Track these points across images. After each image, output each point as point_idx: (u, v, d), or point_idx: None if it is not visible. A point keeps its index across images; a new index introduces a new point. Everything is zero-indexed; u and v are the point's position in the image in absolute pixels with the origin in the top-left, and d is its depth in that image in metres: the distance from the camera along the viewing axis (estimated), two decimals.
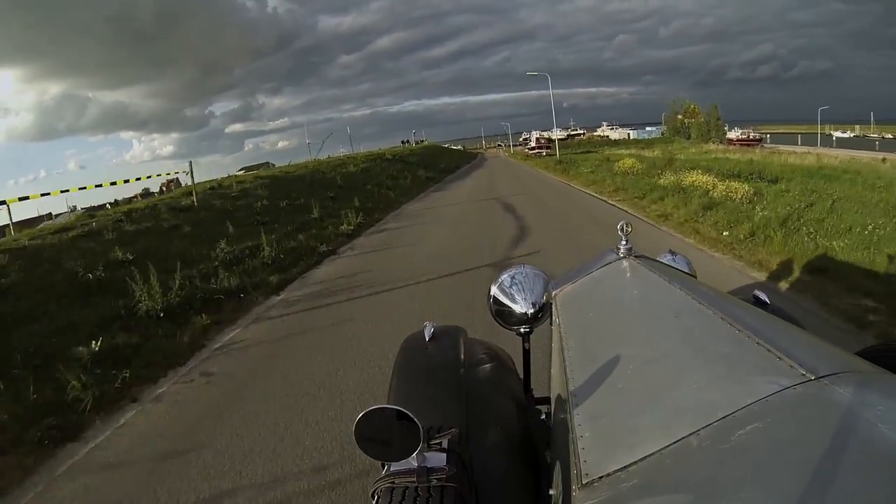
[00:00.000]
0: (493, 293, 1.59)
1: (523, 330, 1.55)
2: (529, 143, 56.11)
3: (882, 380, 0.65)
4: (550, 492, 0.90)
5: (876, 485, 0.46)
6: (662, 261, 1.57)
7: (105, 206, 12.65)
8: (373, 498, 0.87)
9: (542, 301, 1.52)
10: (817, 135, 48.71)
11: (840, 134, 51.66)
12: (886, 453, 0.49)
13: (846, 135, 51.26)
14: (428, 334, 1.42)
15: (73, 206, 16.28)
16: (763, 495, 0.49)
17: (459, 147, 77.65)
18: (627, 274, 1.33)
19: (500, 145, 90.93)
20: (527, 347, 1.59)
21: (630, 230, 1.41)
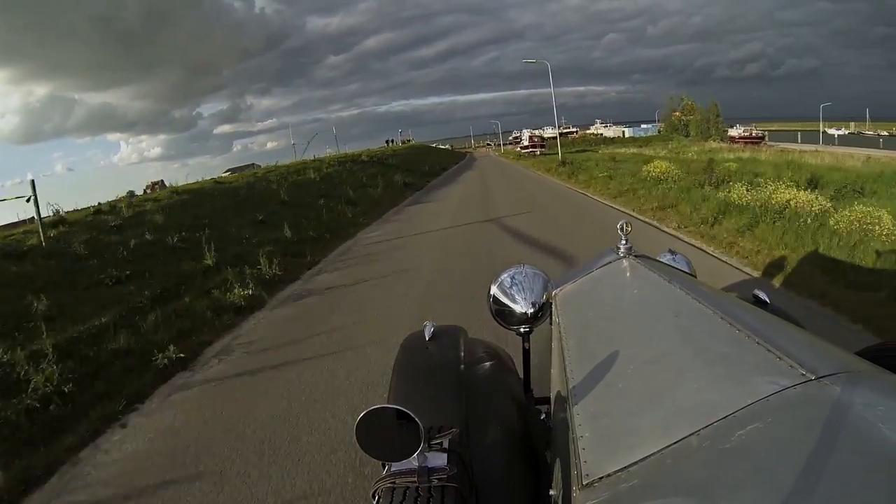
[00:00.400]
0: (493, 293, 1.56)
1: (523, 330, 1.52)
2: (521, 141, 52.47)
3: (882, 380, 0.65)
4: (550, 492, 0.89)
5: (876, 484, 0.46)
6: (662, 260, 1.59)
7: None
8: (374, 498, 0.87)
9: (542, 301, 1.49)
10: (819, 132, 47.81)
11: (835, 131, 50.52)
12: (886, 453, 0.49)
13: (841, 132, 50.06)
14: (428, 334, 1.41)
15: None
16: (763, 495, 0.48)
17: (447, 147, 75.69)
18: (627, 273, 1.34)
19: (489, 144, 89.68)
20: (527, 347, 1.56)
21: (630, 229, 1.43)
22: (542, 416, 1.26)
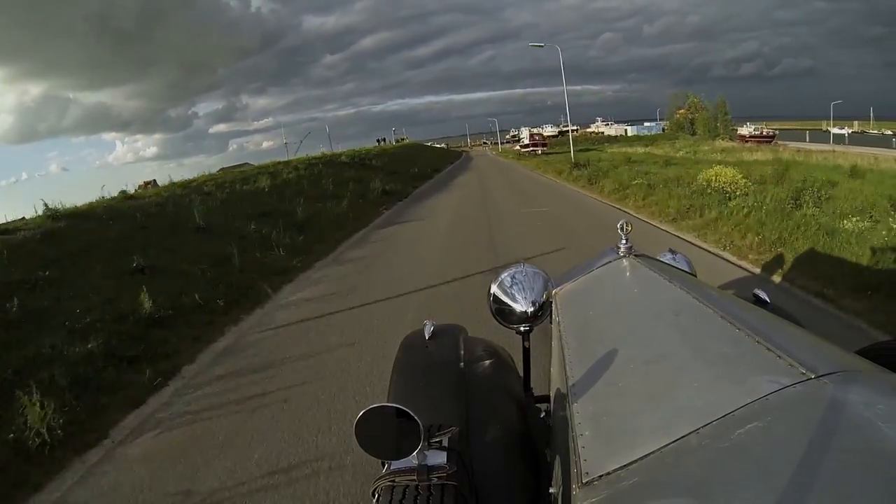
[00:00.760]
0: (493, 292, 1.55)
1: (523, 329, 1.51)
2: (521, 139, 49.11)
3: (882, 379, 0.65)
4: (550, 490, 0.89)
5: (875, 483, 0.45)
6: (663, 260, 1.58)
7: None
8: (373, 496, 0.87)
9: (542, 300, 1.48)
10: (821, 131, 47.03)
11: (837, 130, 49.11)
12: (886, 452, 0.48)
13: (845, 131, 48.69)
14: (428, 333, 1.41)
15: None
16: (762, 494, 0.48)
17: (443, 145, 72.72)
18: (627, 273, 1.34)
19: (485, 143, 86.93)
20: (527, 346, 1.56)
21: (630, 229, 1.42)
22: (542, 414, 1.26)
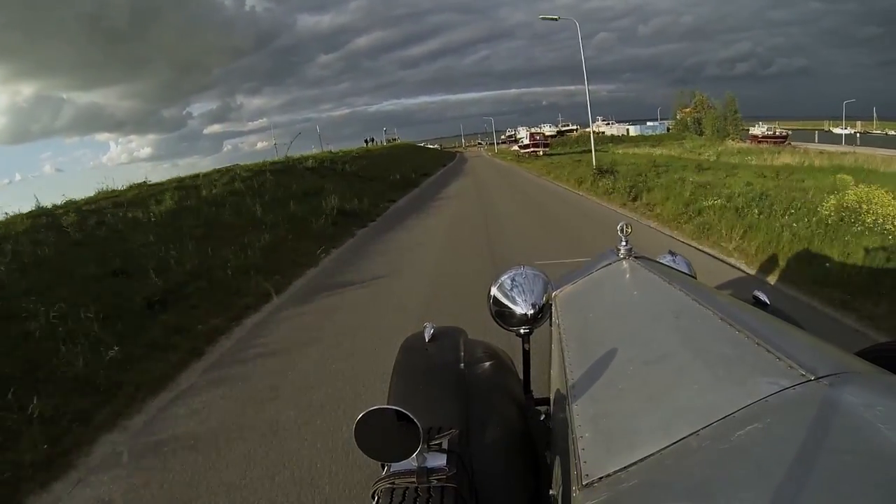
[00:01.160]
0: (493, 294, 1.55)
1: (523, 331, 1.51)
2: (520, 139, 45.36)
3: (881, 380, 0.65)
4: (550, 492, 0.89)
5: (875, 484, 0.46)
6: (662, 262, 1.58)
7: None
8: (373, 498, 0.87)
9: (542, 302, 1.48)
10: (822, 131, 45.43)
11: (840, 130, 48.62)
12: (886, 453, 0.49)
13: (847, 131, 47.97)
14: (428, 335, 1.40)
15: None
16: (762, 495, 0.48)
17: (436, 146, 68.74)
18: (627, 275, 1.34)
19: (480, 143, 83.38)
20: (527, 348, 1.55)
21: (630, 231, 1.42)
22: (542, 416, 1.26)
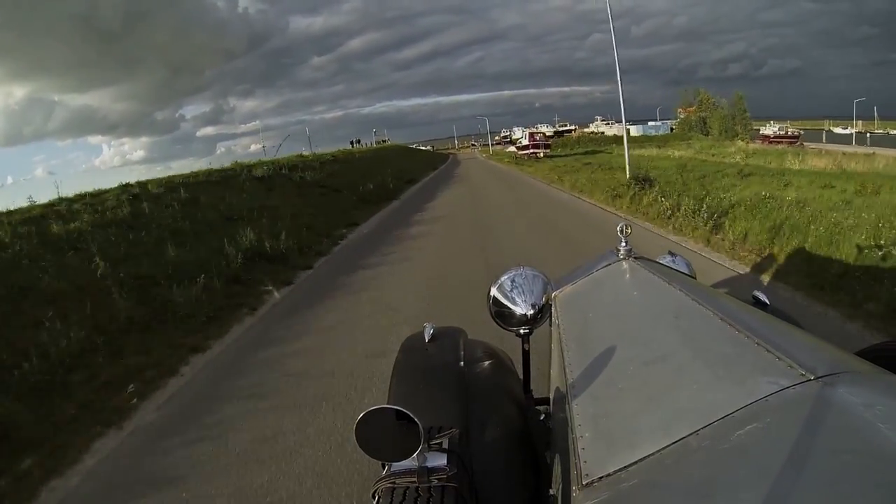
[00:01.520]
0: (493, 294, 1.54)
1: (523, 331, 1.51)
2: (519, 140, 42.03)
3: (881, 380, 0.65)
4: (550, 492, 0.89)
5: (875, 484, 0.45)
6: (662, 262, 1.58)
7: None
8: (374, 498, 0.86)
9: (541, 302, 1.48)
10: (823, 131, 44.66)
11: (840, 130, 47.08)
12: (886, 453, 0.48)
13: (848, 131, 46.36)
14: (428, 335, 1.40)
15: None
16: (762, 495, 0.48)
17: (428, 148, 65.07)
18: (627, 275, 1.34)
19: (473, 145, 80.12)
20: (526, 348, 1.55)
21: (629, 231, 1.44)
22: (542, 416, 1.26)
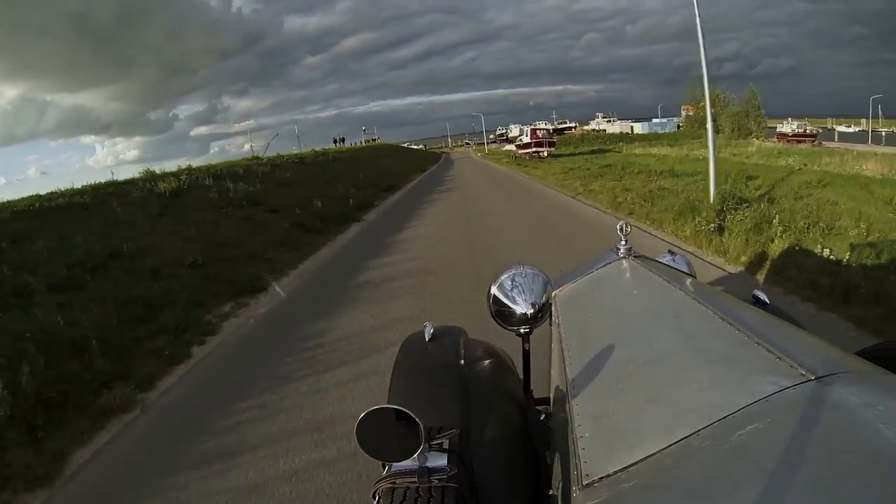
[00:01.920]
0: (493, 293, 1.53)
1: (523, 330, 1.50)
2: (518, 138, 38.13)
3: (882, 380, 0.64)
4: (550, 492, 0.88)
5: (876, 485, 0.45)
6: (662, 261, 1.57)
7: None
8: (374, 498, 0.86)
9: (542, 301, 1.47)
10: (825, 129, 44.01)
11: (844, 129, 46.97)
12: (886, 453, 0.48)
13: (852, 129, 46.33)
14: (428, 334, 1.39)
15: None
16: (762, 495, 0.48)
17: (420, 147, 60.97)
18: (627, 274, 1.34)
19: (467, 144, 76.47)
20: (527, 348, 1.54)
21: (629, 230, 1.43)
22: (542, 416, 1.25)
